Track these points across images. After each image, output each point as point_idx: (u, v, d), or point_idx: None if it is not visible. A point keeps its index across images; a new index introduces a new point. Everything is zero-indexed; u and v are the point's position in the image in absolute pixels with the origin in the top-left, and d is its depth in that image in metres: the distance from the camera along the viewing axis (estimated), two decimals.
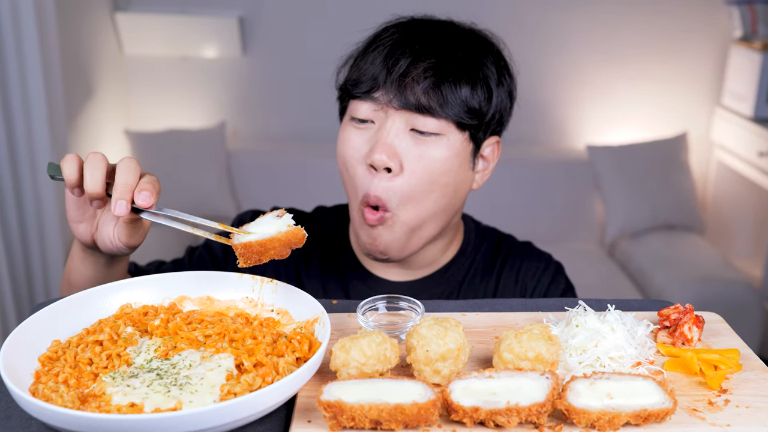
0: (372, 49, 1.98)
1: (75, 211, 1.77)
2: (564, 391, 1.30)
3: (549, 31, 6.12)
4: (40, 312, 1.48)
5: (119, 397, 1.29)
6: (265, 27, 6.09)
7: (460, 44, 1.99)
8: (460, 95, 1.92)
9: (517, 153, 6.08)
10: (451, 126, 1.94)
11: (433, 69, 1.91)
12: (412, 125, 1.92)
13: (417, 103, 1.90)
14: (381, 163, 1.90)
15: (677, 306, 1.59)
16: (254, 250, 1.54)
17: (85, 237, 1.79)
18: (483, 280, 2.22)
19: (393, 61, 1.92)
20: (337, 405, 1.24)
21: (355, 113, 1.98)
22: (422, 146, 1.93)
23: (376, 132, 1.95)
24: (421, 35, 1.98)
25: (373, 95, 1.94)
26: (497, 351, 1.42)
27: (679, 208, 5.94)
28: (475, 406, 1.25)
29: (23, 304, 4.45)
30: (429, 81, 1.90)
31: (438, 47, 1.95)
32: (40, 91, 4.34)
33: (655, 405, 1.27)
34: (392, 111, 1.92)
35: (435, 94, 1.90)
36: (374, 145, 1.92)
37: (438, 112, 1.90)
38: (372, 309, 1.64)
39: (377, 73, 1.93)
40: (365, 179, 1.96)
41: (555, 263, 2.27)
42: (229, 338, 1.46)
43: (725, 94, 6.10)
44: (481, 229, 2.32)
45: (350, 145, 1.98)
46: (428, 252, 2.15)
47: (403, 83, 1.90)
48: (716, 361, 1.46)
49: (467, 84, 1.94)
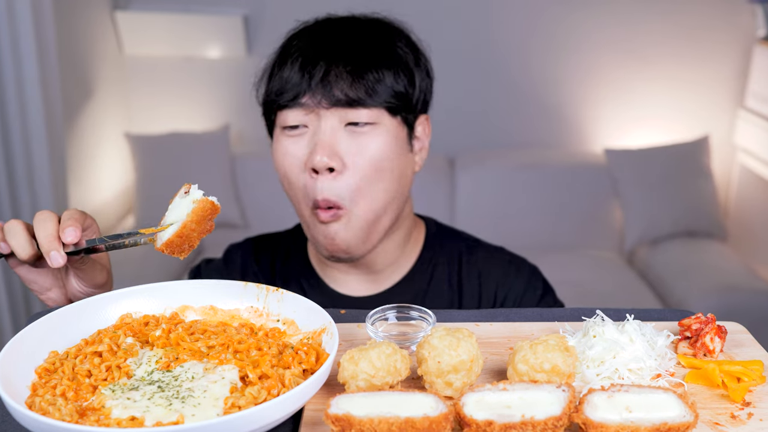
0: (287, 59, 2.04)
1: (37, 280, 1.81)
2: (581, 404, 1.29)
3: (566, 29, 6.12)
4: (37, 322, 1.49)
5: (119, 411, 1.29)
6: (270, 25, 6.09)
7: (370, 34, 2.07)
8: (385, 82, 1.99)
9: (532, 157, 6.08)
10: (383, 113, 2.00)
11: (352, 63, 1.98)
12: (346, 119, 1.98)
13: (346, 97, 1.96)
14: (323, 165, 1.95)
15: (698, 316, 1.58)
16: (177, 243, 1.55)
17: (60, 302, 1.84)
18: (449, 288, 2.24)
19: (312, 64, 1.98)
20: (346, 419, 1.24)
21: (286, 122, 2.03)
22: (360, 139, 1.99)
23: (312, 135, 2.00)
24: (331, 34, 2.07)
25: (301, 101, 1.99)
26: (512, 362, 1.42)
27: (701, 214, 5.92)
28: (489, 420, 1.25)
29: (19, 314, 4.46)
30: (352, 74, 1.97)
31: (351, 41, 2.04)
32: (36, 92, 4.36)
33: (676, 418, 1.27)
34: (323, 111, 1.98)
35: (361, 84, 1.97)
36: (313, 148, 1.98)
37: (368, 102, 1.97)
38: (382, 319, 1.64)
39: (299, 79, 1.99)
40: (309, 185, 2.00)
41: (528, 267, 2.28)
42: (233, 349, 1.46)
43: (748, 96, 6.09)
44: (444, 233, 2.35)
45: (287, 153, 2.04)
46: (388, 248, 2.18)
47: (327, 82, 1.96)
48: (739, 373, 1.45)
49: (389, 70, 2.01)
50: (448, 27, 6.02)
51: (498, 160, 6.01)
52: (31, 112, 4.38)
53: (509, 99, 6.15)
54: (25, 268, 1.77)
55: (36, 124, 4.40)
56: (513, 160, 6.04)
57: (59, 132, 4.68)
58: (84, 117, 5.50)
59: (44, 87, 4.43)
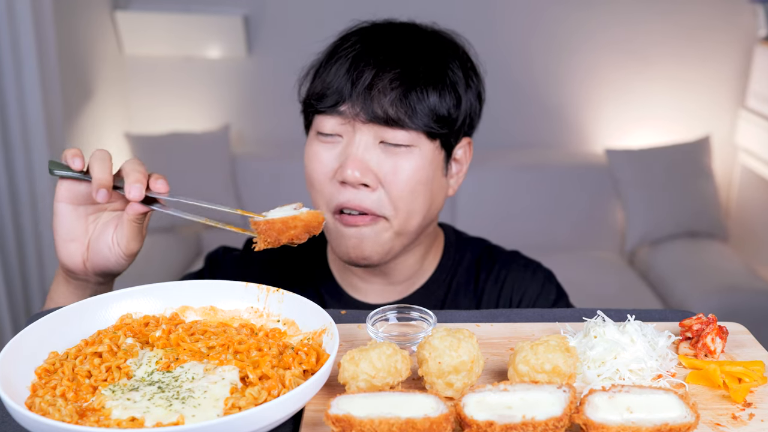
0: (334, 61, 1.99)
1: (70, 225, 1.78)
2: (582, 404, 1.29)
3: (567, 30, 6.12)
4: (36, 323, 1.49)
5: (119, 411, 1.29)
6: (270, 25, 6.10)
7: (424, 49, 2.00)
8: (428, 104, 1.93)
9: (532, 157, 6.08)
10: (421, 136, 1.94)
11: (399, 79, 1.91)
12: (382, 138, 1.93)
13: (385, 115, 1.90)
14: (354, 180, 1.91)
15: (700, 316, 1.58)
16: (276, 227, 1.61)
17: (75, 259, 1.80)
18: (466, 296, 2.22)
19: (357, 73, 1.92)
20: (346, 419, 1.23)
21: (321, 128, 1.98)
22: (394, 158, 1.93)
23: (345, 147, 1.95)
24: (384, 43, 1.99)
25: (339, 109, 1.94)
26: (512, 363, 1.42)
27: (702, 214, 5.93)
28: (490, 421, 1.25)
29: (19, 315, 4.46)
30: (396, 92, 1.90)
31: (402, 55, 1.96)
32: (36, 92, 4.36)
33: (677, 419, 1.27)
34: (360, 125, 1.93)
35: (403, 104, 1.90)
36: (345, 161, 1.93)
37: (407, 124, 1.91)
38: (382, 319, 1.64)
39: (341, 86, 1.93)
40: (335, 193, 1.96)
41: (544, 272, 2.26)
42: (234, 350, 1.46)
43: (750, 96, 6.09)
44: (462, 241, 2.31)
45: (318, 159, 1.98)
46: (407, 262, 2.15)
47: (369, 95, 1.90)
48: (740, 374, 1.45)
49: (435, 91, 1.94)
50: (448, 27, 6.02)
51: (499, 160, 6.00)
52: (31, 112, 4.38)
53: (510, 99, 6.14)
54: (70, 206, 1.76)
55: (36, 124, 4.40)
56: (514, 160, 6.04)
57: (59, 132, 4.68)
58: (84, 117, 5.50)
59: (44, 87, 4.43)
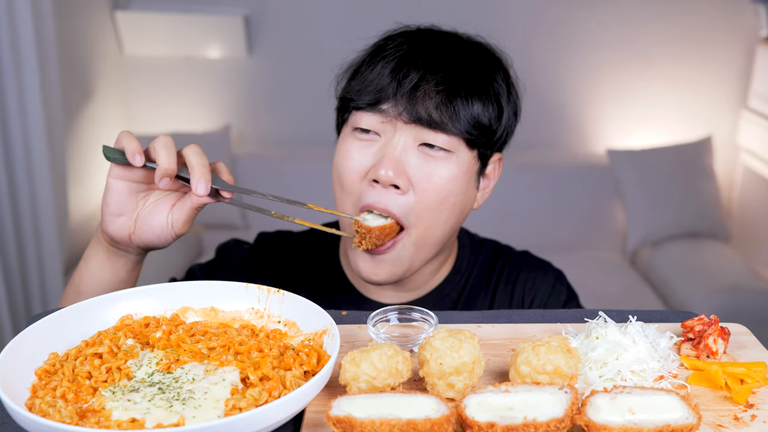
0: (378, 60, 1.96)
1: (122, 201, 1.79)
2: (584, 406, 1.29)
3: (568, 29, 6.12)
4: (37, 323, 1.49)
5: (119, 412, 1.29)
6: (271, 26, 6.10)
7: (470, 58, 1.99)
8: (472, 111, 1.91)
9: (534, 157, 6.08)
10: (461, 143, 1.93)
11: (445, 83, 1.90)
12: (422, 140, 1.91)
13: (429, 117, 1.88)
14: (387, 180, 1.88)
15: (701, 317, 1.58)
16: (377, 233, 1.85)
17: (122, 232, 1.80)
18: (479, 297, 2.22)
19: (403, 74, 1.90)
20: (347, 420, 1.24)
21: (359, 123, 1.95)
22: (432, 164, 1.91)
23: (383, 146, 1.92)
24: (430, 48, 1.97)
25: (381, 107, 1.91)
26: (514, 364, 1.42)
27: (704, 215, 5.93)
28: (491, 422, 1.25)
29: (19, 316, 4.46)
30: (441, 95, 1.89)
31: (448, 61, 1.94)
32: (36, 92, 4.36)
33: (679, 420, 1.27)
34: (401, 124, 1.91)
35: (447, 109, 1.89)
36: (380, 159, 1.90)
37: (449, 128, 1.89)
38: (383, 320, 1.64)
39: (385, 84, 1.91)
40: (366, 192, 1.93)
41: (554, 272, 2.27)
42: (234, 351, 1.46)
43: (751, 96, 6.09)
44: (476, 243, 2.31)
45: (350, 157, 1.96)
46: (422, 272, 2.13)
47: (413, 96, 1.88)
48: (742, 375, 1.45)
49: (479, 100, 1.93)
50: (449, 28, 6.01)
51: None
52: (31, 113, 4.38)
53: None
54: (123, 182, 1.79)
55: (36, 124, 4.40)
56: (515, 160, 6.02)
57: (59, 132, 4.68)
58: (84, 117, 5.50)
59: (44, 87, 4.43)
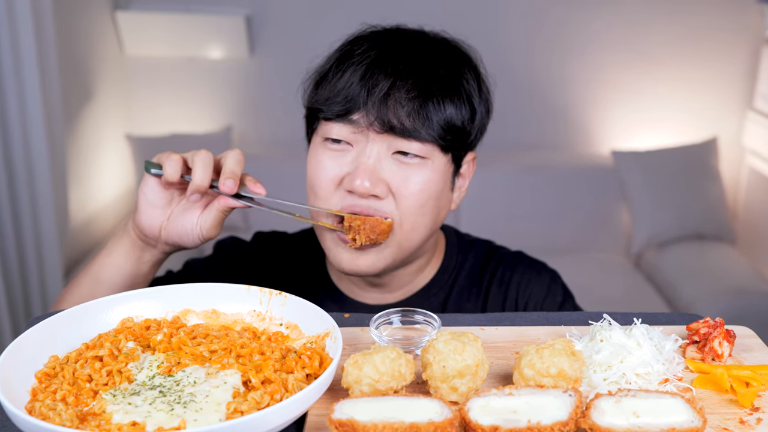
0: (345, 66, 1.93)
1: (156, 194, 1.86)
2: (588, 409, 1.29)
3: (572, 30, 6.12)
4: (37, 326, 1.49)
5: (120, 416, 1.29)
6: (273, 26, 6.10)
7: (439, 59, 1.96)
8: (445, 115, 1.89)
9: (538, 159, 6.07)
10: (435, 149, 1.91)
11: (416, 89, 1.87)
12: (396, 148, 1.89)
13: (401, 126, 1.86)
14: (364, 190, 1.87)
15: (707, 320, 1.58)
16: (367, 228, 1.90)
17: (154, 224, 1.87)
18: (470, 299, 2.20)
19: (373, 81, 1.87)
20: (350, 424, 1.24)
21: (330, 134, 1.92)
22: (407, 170, 1.90)
23: (356, 156, 1.90)
24: (398, 50, 1.94)
25: (352, 117, 1.89)
26: (518, 367, 1.42)
27: (709, 216, 5.92)
28: (495, 425, 1.25)
29: (19, 318, 4.46)
30: (413, 102, 1.86)
31: (418, 65, 1.91)
32: (36, 93, 4.36)
33: (684, 424, 1.27)
34: (373, 134, 1.88)
35: (419, 116, 1.86)
36: (355, 170, 1.89)
37: (422, 135, 1.87)
38: (386, 323, 1.64)
39: (355, 94, 1.88)
40: (345, 198, 1.91)
41: (549, 273, 2.24)
42: (236, 354, 1.46)
43: (757, 97, 6.08)
44: (465, 243, 2.29)
45: (323, 167, 1.94)
46: (403, 273, 2.12)
47: (385, 105, 1.86)
48: (748, 378, 1.45)
49: (451, 103, 1.91)
50: (453, 29, 5.97)
51: (504, 161, 5.99)
52: (31, 113, 4.38)
53: (515, 100, 6.13)
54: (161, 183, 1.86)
55: (36, 125, 4.40)
56: (519, 161, 6.03)
57: (59, 133, 4.68)
58: (84, 118, 5.51)
59: (44, 88, 4.43)
